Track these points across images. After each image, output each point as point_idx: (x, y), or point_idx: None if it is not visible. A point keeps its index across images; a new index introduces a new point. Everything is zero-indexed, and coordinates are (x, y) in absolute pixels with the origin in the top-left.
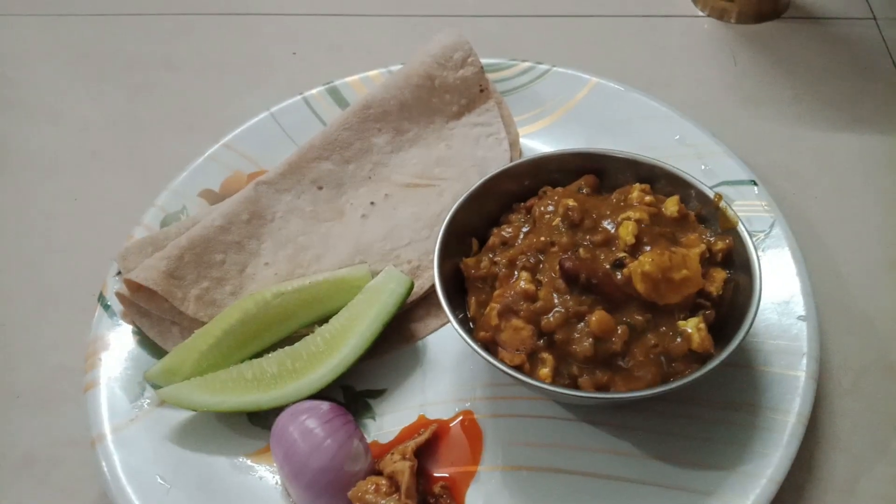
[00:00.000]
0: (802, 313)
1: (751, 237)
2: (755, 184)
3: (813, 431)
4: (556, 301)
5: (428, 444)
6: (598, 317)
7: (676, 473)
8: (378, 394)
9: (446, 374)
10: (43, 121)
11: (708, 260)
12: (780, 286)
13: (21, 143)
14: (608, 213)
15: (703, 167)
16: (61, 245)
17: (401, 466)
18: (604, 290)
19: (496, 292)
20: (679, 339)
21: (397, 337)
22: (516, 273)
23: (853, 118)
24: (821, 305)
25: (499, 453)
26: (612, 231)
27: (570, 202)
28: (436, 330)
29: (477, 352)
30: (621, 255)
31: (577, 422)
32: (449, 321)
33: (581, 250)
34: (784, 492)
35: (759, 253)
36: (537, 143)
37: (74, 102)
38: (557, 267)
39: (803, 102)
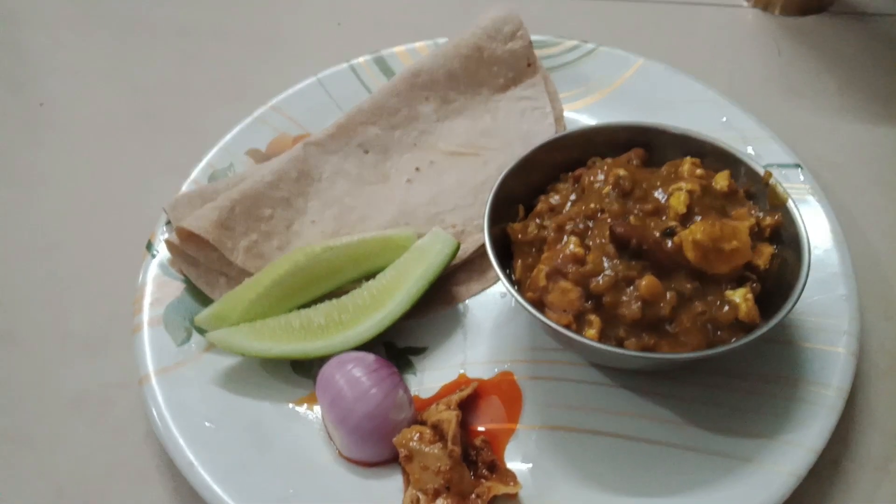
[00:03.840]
0: (844, 293)
1: (800, 214)
2: (800, 167)
3: (850, 409)
4: (605, 265)
5: (469, 401)
6: (647, 281)
7: (715, 440)
8: (419, 351)
9: (486, 337)
10: (96, 82)
11: (756, 235)
12: (822, 266)
13: (74, 102)
14: (658, 184)
15: (748, 150)
16: (111, 199)
17: (447, 416)
18: (654, 257)
19: (544, 255)
20: (726, 308)
21: (439, 299)
22: (565, 237)
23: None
24: (860, 292)
25: (538, 414)
26: (663, 201)
27: (622, 171)
28: (476, 294)
29: (526, 308)
30: (672, 224)
31: (618, 388)
32: (490, 285)
33: (631, 218)
34: (820, 464)
35: None
36: (581, 120)
37: (127, 66)
38: (607, 233)
39: (846, 95)
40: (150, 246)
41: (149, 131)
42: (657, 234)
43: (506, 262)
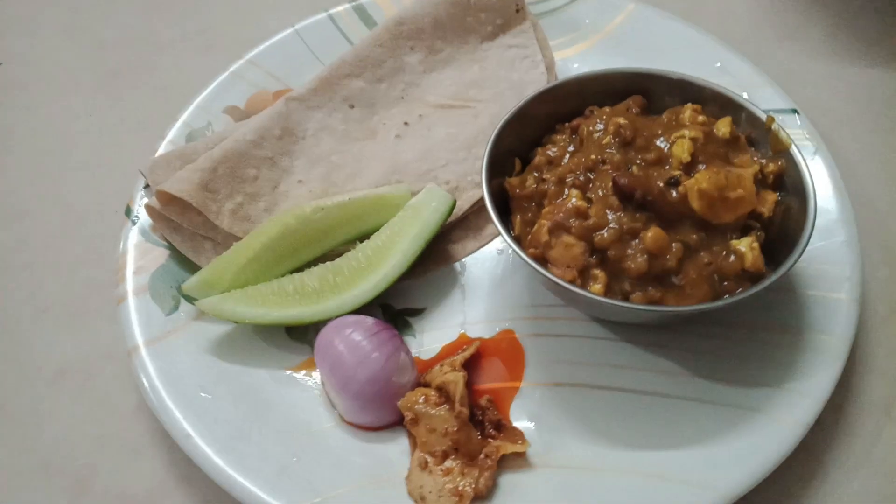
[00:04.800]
0: (844, 239)
1: (804, 159)
2: (797, 112)
3: (852, 355)
4: (609, 218)
5: (471, 361)
6: (653, 233)
7: (720, 390)
8: (418, 312)
9: (485, 295)
10: (58, 39)
11: (759, 182)
12: (821, 213)
13: (36, 60)
14: (660, 132)
15: (744, 95)
16: (82, 162)
17: (453, 377)
18: (658, 208)
19: (545, 210)
20: (732, 258)
21: (435, 258)
22: (566, 191)
23: (890, 53)
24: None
25: (541, 371)
26: (666, 150)
27: (622, 120)
28: (473, 252)
29: (531, 265)
30: (676, 173)
31: (620, 342)
32: (487, 242)
33: (634, 168)
34: (824, 410)
35: None
36: (573, 68)
37: (90, 20)
38: (609, 184)
39: (839, 38)
40: (129, 211)
41: (117, 89)
42: (661, 184)
43: (503, 217)
